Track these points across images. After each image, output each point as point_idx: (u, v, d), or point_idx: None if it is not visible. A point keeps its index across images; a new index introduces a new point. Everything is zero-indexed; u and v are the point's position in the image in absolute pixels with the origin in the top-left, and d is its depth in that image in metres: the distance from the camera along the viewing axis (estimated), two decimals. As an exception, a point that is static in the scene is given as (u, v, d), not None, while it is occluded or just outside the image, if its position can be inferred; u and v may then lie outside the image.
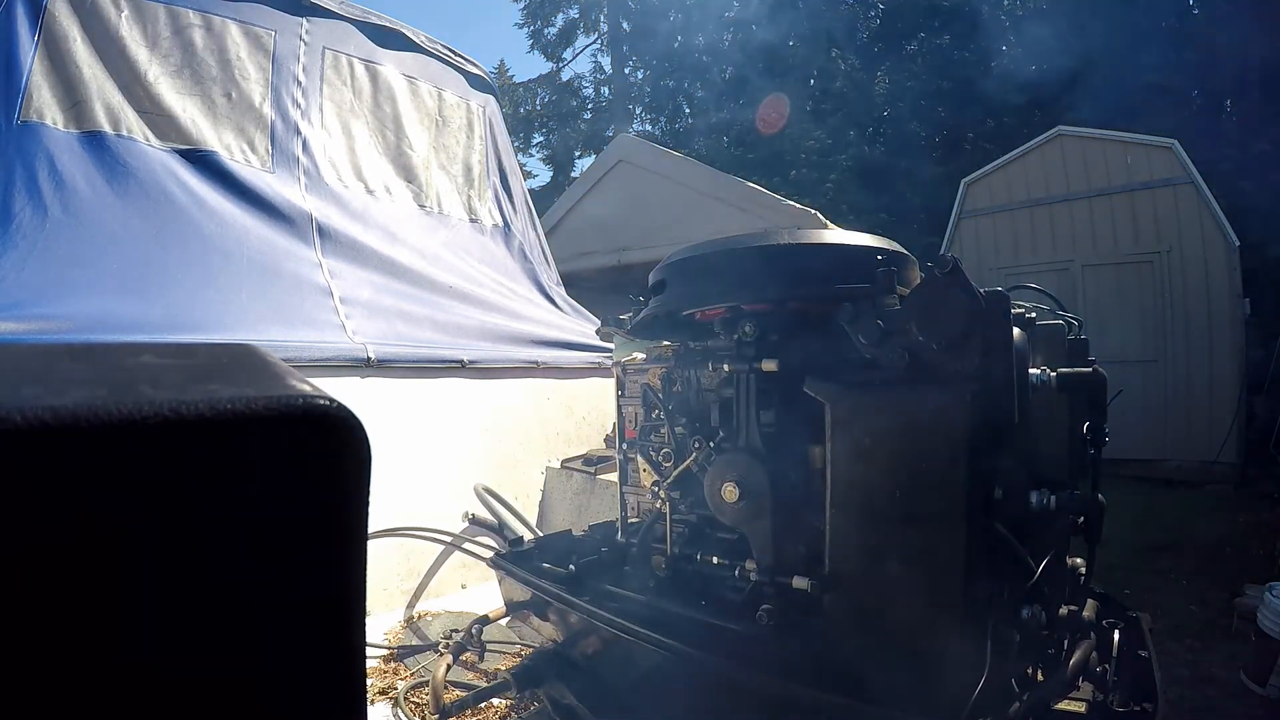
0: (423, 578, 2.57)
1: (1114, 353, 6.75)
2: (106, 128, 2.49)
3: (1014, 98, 13.81)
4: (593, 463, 2.90)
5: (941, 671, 0.89)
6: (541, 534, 2.47)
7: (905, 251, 1.15)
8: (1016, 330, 0.98)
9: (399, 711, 1.76)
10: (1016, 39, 15.20)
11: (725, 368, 1.16)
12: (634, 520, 1.42)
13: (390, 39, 3.53)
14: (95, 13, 2.59)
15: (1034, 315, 1.13)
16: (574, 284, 5.06)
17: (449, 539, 2.56)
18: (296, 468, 0.28)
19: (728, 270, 1.13)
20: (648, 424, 1.37)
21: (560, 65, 21.05)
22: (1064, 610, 1.04)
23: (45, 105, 2.40)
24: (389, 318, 2.80)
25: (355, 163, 3.21)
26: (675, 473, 1.25)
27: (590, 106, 21.56)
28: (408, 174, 3.43)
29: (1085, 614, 1.13)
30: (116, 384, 0.26)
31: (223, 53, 2.89)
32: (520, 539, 1.65)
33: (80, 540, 0.23)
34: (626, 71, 20.87)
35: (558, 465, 3.04)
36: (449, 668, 1.44)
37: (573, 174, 19.55)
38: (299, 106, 3.06)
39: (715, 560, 1.18)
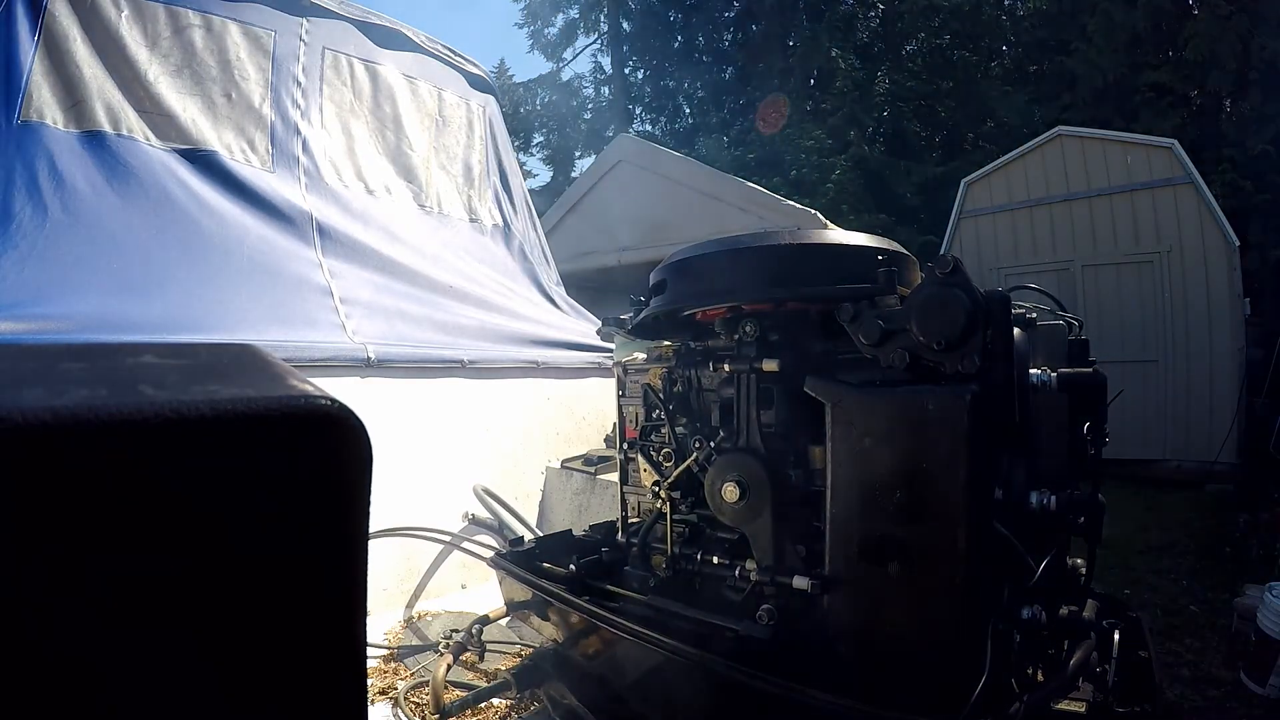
0: (423, 578, 2.57)
1: (1114, 353, 6.75)
2: (107, 127, 2.49)
3: (1014, 97, 13.82)
4: (593, 463, 2.90)
5: (941, 671, 0.89)
6: (541, 534, 2.47)
7: (905, 251, 1.15)
8: (1017, 330, 0.98)
9: (399, 711, 1.76)
10: (1017, 39, 15.21)
11: (726, 368, 1.16)
12: (634, 520, 1.41)
13: (390, 39, 3.53)
14: (95, 13, 2.59)
15: (1034, 315, 1.12)
16: (574, 284, 5.06)
17: (449, 539, 2.56)
18: (297, 468, 0.28)
19: (728, 270, 1.13)
20: (648, 424, 1.37)
21: (560, 65, 21.07)
22: (1064, 610, 1.04)
23: (45, 105, 2.40)
24: (389, 318, 2.79)
25: (355, 163, 3.21)
26: (675, 473, 1.25)
27: (590, 106, 21.58)
28: (408, 174, 3.43)
29: (1085, 614, 1.13)
30: (116, 384, 0.26)
31: (223, 53, 2.89)
32: (520, 539, 1.65)
33: (80, 540, 0.23)
34: (626, 71, 20.86)
35: (558, 465, 3.04)
36: (449, 668, 1.44)
37: (573, 174, 19.55)
38: (299, 106, 3.06)
39: (715, 560, 1.18)
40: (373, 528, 0.36)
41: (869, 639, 0.96)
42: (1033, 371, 1.03)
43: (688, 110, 20.67)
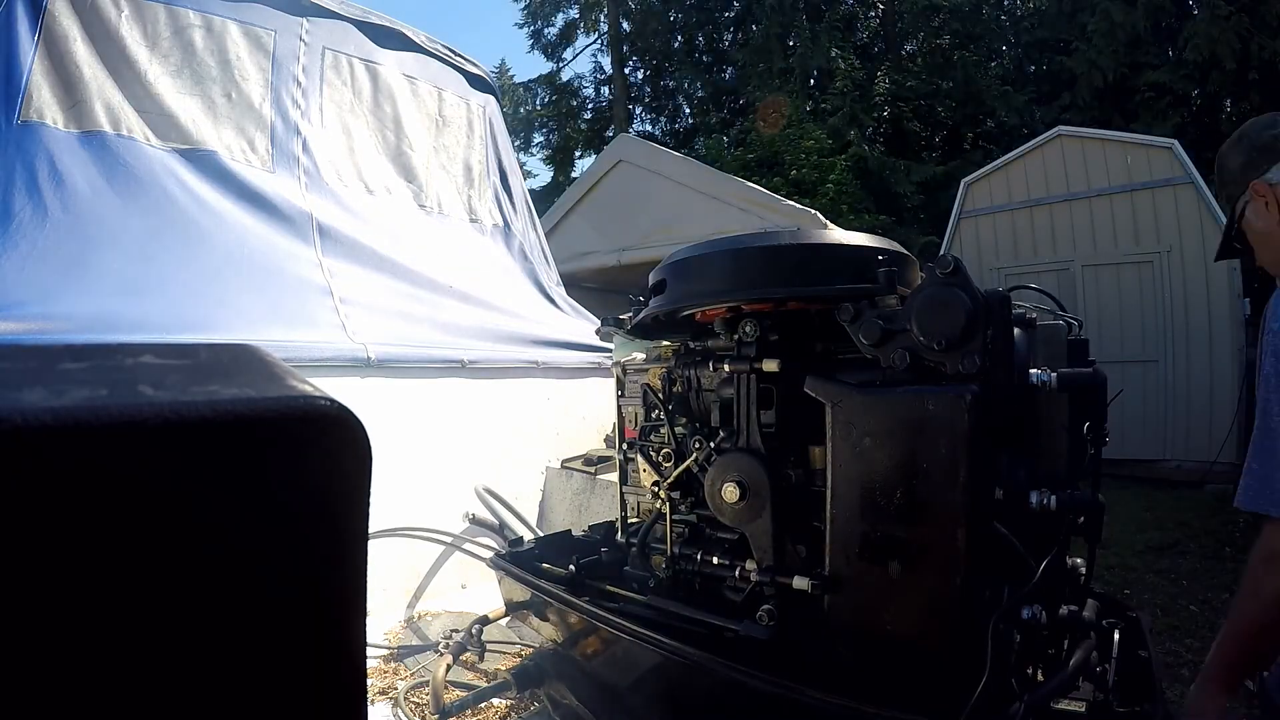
0: (423, 578, 2.57)
1: (1114, 353, 6.75)
2: (106, 127, 2.49)
3: (1014, 97, 13.82)
4: (593, 463, 2.90)
5: (941, 671, 0.89)
6: (541, 534, 2.47)
7: (905, 251, 1.15)
8: (1017, 330, 0.99)
9: (399, 711, 1.76)
10: (1016, 39, 15.22)
11: (725, 368, 1.16)
12: (634, 520, 1.41)
13: (390, 39, 3.53)
14: (95, 12, 2.59)
15: (1034, 315, 1.12)
16: (574, 284, 5.05)
17: (449, 539, 2.56)
18: (296, 468, 0.28)
19: (728, 270, 1.13)
20: (647, 424, 1.37)
21: (560, 65, 21.07)
22: (1064, 610, 1.04)
23: (45, 105, 2.40)
24: (389, 318, 2.79)
25: (355, 163, 3.21)
26: (675, 473, 1.25)
27: (590, 106, 21.58)
28: (408, 174, 3.43)
29: (1085, 614, 1.13)
30: (116, 384, 0.26)
31: (223, 53, 2.89)
32: (520, 539, 1.65)
33: (80, 542, 0.23)
34: (626, 71, 20.87)
35: (558, 465, 3.04)
36: (449, 668, 1.44)
37: (573, 174, 19.55)
38: (299, 106, 3.05)
39: (715, 560, 1.18)
40: (373, 528, 0.36)
41: (869, 639, 0.96)
42: (1033, 371, 1.03)
43: (688, 110, 20.68)
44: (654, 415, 1.34)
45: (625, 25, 20.21)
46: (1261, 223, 1.37)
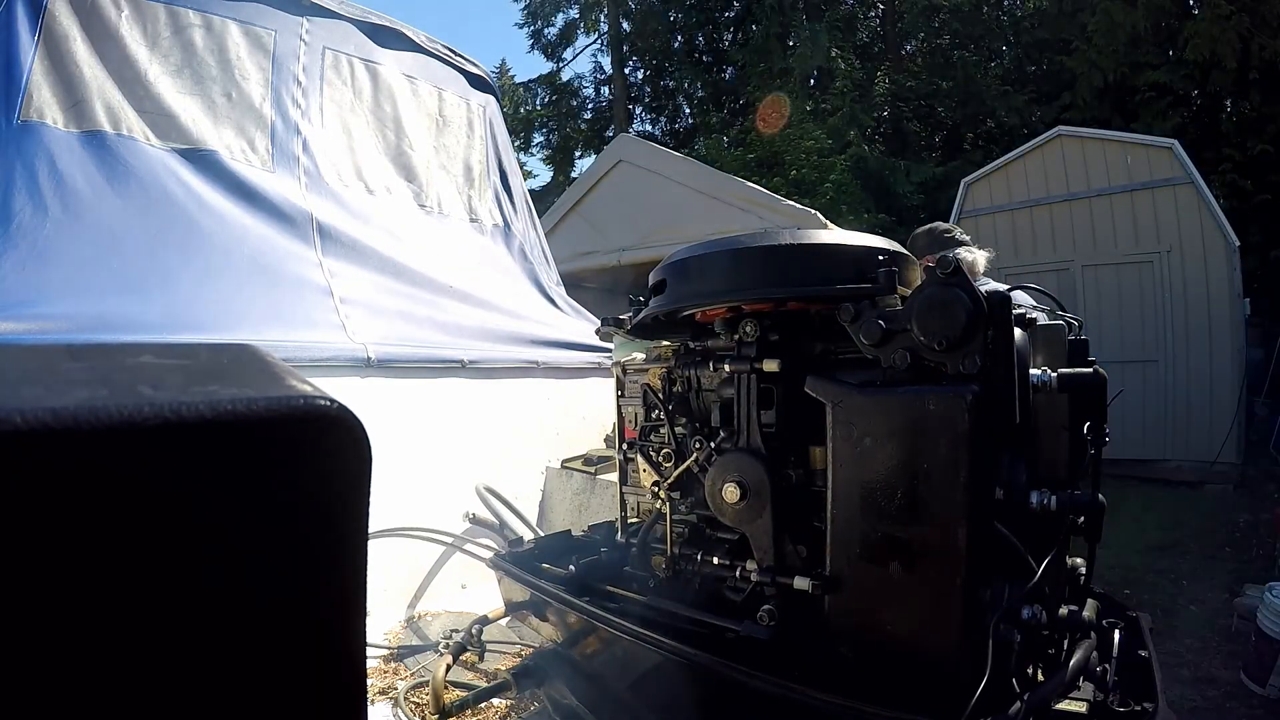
0: (423, 578, 2.57)
1: (1114, 353, 6.75)
2: (106, 127, 2.49)
3: (1014, 97, 13.82)
4: (593, 463, 2.90)
5: (942, 671, 0.89)
6: (541, 534, 2.47)
7: (906, 251, 1.15)
8: (1017, 331, 0.98)
9: (399, 711, 1.76)
10: (1016, 39, 15.22)
11: (726, 368, 1.16)
12: (634, 520, 1.41)
13: (390, 39, 3.53)
14: (95, 12, 2.59)
15: (1034, 316, 1.12)
16: (574, 284, 5.05)
17: (449, 539, 2.56)
18: (297, 468, 0.28)
19: (728, 270, 1.13)
20: (647, 424, 1.37)
21: (560, 65, 21.05)
22: (1064, 610, 1.04)
23: (45, 105, 2.40)
24: (389, 318, 2.79)
25: (355, 162, 3.21)
26: (675, 473, 1.25)
27: (590, 106, 21.57)
28: (408, 174, 3.43)
29: (1085, 614, 1.13)
30: (116, 385, 0.26)
31: (223, 52, 2.89)
32: (520, 539, 1.65)
33: (80, 542, 0.23)
34: (626, 71, 20.85)
35: (558, 465, 3.04)
36: (449, 668, 1.44)
37: (573, 174, 19.54)
38: (299, 106, 3.05)
39: (715, 561, 1.18)
40: (373, 528, 0.36)
41: (870, 639, 0.96)
42: (1033, 371, 1.03)
43: (688, 110, 20.66)
44: (654, 415, 1.34)
45: (625, 25, 20.18)
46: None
